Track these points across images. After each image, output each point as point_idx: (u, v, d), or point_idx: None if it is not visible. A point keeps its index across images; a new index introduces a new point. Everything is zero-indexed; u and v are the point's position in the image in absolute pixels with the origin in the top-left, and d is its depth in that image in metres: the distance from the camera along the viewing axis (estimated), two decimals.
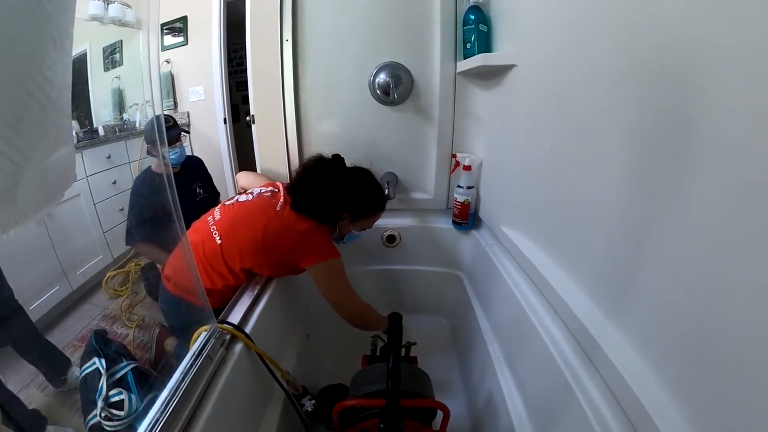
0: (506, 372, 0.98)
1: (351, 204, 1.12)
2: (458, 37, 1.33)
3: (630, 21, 0.60)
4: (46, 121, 0.28)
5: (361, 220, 1.17)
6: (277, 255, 1.05)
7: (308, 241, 1.05)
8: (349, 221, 1.14)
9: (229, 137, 2.80)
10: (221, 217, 1.09)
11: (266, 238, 1.03)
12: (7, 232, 0.26)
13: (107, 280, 1.96)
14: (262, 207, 1.09)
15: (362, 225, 1.19)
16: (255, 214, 1.07)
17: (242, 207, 1.10)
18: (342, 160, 1.16)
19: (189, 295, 1.03)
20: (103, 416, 1.10)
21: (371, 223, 1.22)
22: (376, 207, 1.18)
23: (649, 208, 0.57)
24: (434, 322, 1.60)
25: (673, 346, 0.53)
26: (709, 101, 0.46)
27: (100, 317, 1.85)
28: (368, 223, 1.20)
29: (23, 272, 1.51)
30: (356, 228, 1.19)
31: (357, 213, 1.14)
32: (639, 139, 0.59)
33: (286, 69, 1.41)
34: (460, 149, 1.47)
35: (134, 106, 2.35)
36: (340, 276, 1.08)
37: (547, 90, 0.89)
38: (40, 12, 0.26)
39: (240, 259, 1.03)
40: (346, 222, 1.13)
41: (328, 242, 1.09)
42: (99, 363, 1.19)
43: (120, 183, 2.19)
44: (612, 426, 0.58)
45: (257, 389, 0.88)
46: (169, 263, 1.15)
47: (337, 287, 1.08)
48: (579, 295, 0.77)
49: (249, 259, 1.04)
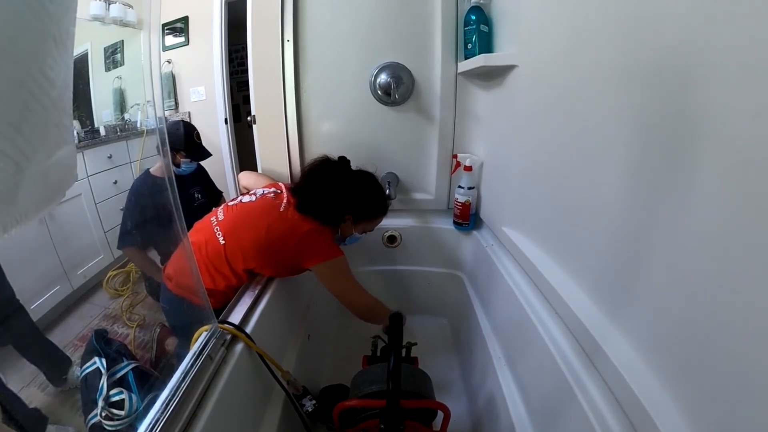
0: (507, 373, 0.98)
1: (354, 206, 1.13)
2: (459, 38, 1.33)
3: (632, 22, 0.60)
4: (48, 121, 0.28)
5: (362, 223, 1.18)
6: (281, 255, 1.05)
7: (312, 242, 1.05)
8: (352, 223, 1.15)
9: (230, 137, 2.80)
10: (224, 217, 1.09)
11: (270, 239, 1.03)
12: (8, 232, 0.26)
13: (108, 280, 1.96)
14: (265, 208, 1.09)
15: (364, 227, 1.20)
16: (258, 214, 1.08)
17: (245, 207, 1.11)
18: (348, 162, 1.16)
19: (190, 295, 1.03)
20: (103, 416, 1.10)
21: (373, 226, 1.23)
22: (378, 210, 1.19)
23: (650, 208, 0.57)
24: (435, 323, 1.60)
25: (674, 347, 0.52)
26: (712, 102, 0.46)
27: (100, 317, 1.85)
28: (370, 225, 1.22)
29: (24, 271, 1.51)
30: (358, 230, 1.20)
31: (359, 215, 1.15)
32: (641, 140, 0.59)
33: (287, 69, 1.41)
34: (461, 150, 1.47)
35: (135, 106, 2.36)
36: (345, 273, 1.10)
37: (549, 91, 0.89)
38: (41, 12, 0.26)
39: (243, 260, 1.04)
40: (348, 224, 1.14)
41: (331, 242, 1.10)
42: (100, 362, 1.19)
43: (121, 183, 2.19)
44: (613, 427, 0.58)
45: (258, 389, 0.88)
46: (170, 263, 1.15)
47: (344, 285, 1.10)
48: (580, 295, 0.77)
49: (252, 259, 1.04)
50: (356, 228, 1.18)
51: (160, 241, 1.43)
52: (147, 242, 1.55)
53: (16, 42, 0.24)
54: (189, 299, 1.04)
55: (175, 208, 0.67)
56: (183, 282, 1.08)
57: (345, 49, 1.40)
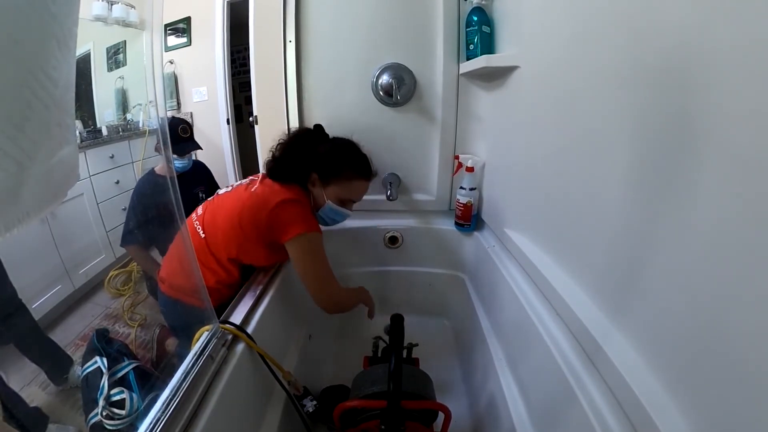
0: (508, 374, 0.98)
1: (320, 162, 1.07)
2: (461, 39, 1.33)
3: (633, 23, 0.60)
4: (50, 121, 0.28)
5: (333, 184, 1.10)
6: (256, 233, 1.03)
7: (285, 213, 1.01)
8: (320, 184, 1.09)
9: (232, 138, 2.81)
10: (203, 212, 1.11)
11: (242, 220, 1.02)
12: (10, 231, 0.26)
13: (109, 280, 1.97)
14: (239, 193, 1.09)
15: (338, 193, 1.11)
16: (232, 200, 1.08)
17: (221, 198, 1.12)
18: (321, 128, 1.14)
19: (185, 296, 1.04)
20: (104, 415, 1.10)
21: (351, 193, 1.13)
22: (350, 169, 1.10)
23: (652, 210, 0.57)
24: (436, 324, 1.60)
25: (675, 348, 0.52)
26: (713, 103, 0.45)
27: (102, 316, 1.86)
28: (346, 191, 1.11)
29: (26, 270, 1.51)
30: (330, 196, 1.10)
31: (327, 173, 1.08)
32: (642, 142, 0.59)
33: (289, 70, 1.41)
34: (463, 150, 1.47)
35: (138, 107, 2.36)
36: (317, 253, 1.03)
37: (551, 92, 0.89)
38: (44, 12, 0.26)
39: (225, 248, 1.04)
40: (317, 186, 1.09)
41: (307, 215, 1.04)
42: (101, 362, 1.19)
43: (123, 183, 2.20)
44: (613, 428, 0.58)
45: (258, 390, 0.88)
46: (163, 265, 1.15)
47: (313, 266, 1.03)
48: (581, 297, 0.77)
49: (232, 246, 1.04)
50: (327, 191, 1.09)
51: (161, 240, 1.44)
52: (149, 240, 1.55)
53: (20, 42, 0.24)
54: (183, 300, 1.04)
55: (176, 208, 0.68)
56: (176, 283, 1.08)
57: (347, 49, 1.40)
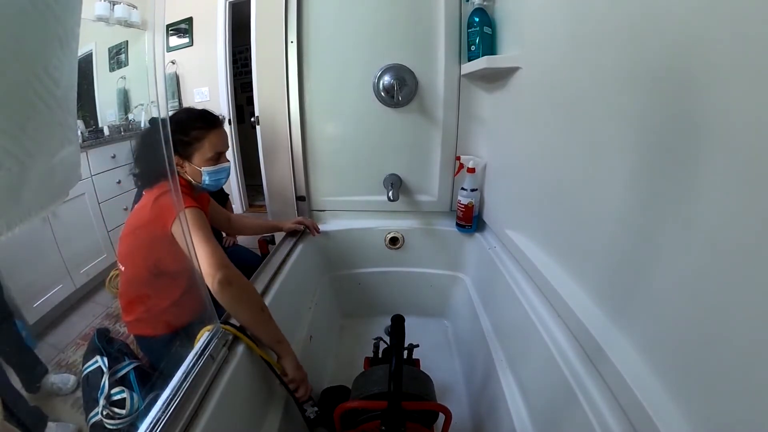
0: (509, 375, 0.97)
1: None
2: (463, 40, 1.33)
3: (634, 24, 0.60)
4: (52, 121, 0.28)
5: (194, 154, 1.04)
6: (147, 233, 1.00)
7: (163, 202, 0.97)
8: (186, 161, 1.04)
9: (234, 138, 2.81)
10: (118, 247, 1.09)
11: (129, 227, 1.05)
12: (12, 230, 0.26)
13: (111, 279, 1.96)
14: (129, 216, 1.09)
15: (203, 156, 1.04)
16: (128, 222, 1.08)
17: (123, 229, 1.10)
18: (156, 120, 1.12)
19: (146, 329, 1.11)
20: (104, 414, 1.10)
21: (212, 148, 1.05)
22: (191, 131, 1.03)
23: (654, 212, 0.57)
24: (437, 325, 1.60)
25: (676, 350, 0.52)
26: (714, 103, 0.45)
27: (103, 316, 1.86)
28: (205, 150, 1.04)
29: (28, 270, 1.51)
30: (199, 163, 1.04)
31: (182, 150, 1.03)
32: (644, 143, 0.59)
33: (290, 70, 1.41)
34: (464, 151, 1.46)
35: (139, 107, 2.37)
36: (203, 227, 0.95)
37: (552, 92, 0.89)
38: (47, 12, 0.26)
39: (143, 264, 1.03)
40: (185, 165, 1.05)
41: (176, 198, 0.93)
42: (101, 361, 1.19)
43: (124, 183, 2.20)
44: (614, 430, 0.58)
45: (259, 390, 0.88)
46: (122, 309, 1.15)
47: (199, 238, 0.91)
48: (583, 298, 0.77)
49: (143, 257, 1.04)
50: (195, 162, 1.04)
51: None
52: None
53: (22, 42, 0.24)
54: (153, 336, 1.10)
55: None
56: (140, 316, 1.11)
57: (348, 50, 1.40)
